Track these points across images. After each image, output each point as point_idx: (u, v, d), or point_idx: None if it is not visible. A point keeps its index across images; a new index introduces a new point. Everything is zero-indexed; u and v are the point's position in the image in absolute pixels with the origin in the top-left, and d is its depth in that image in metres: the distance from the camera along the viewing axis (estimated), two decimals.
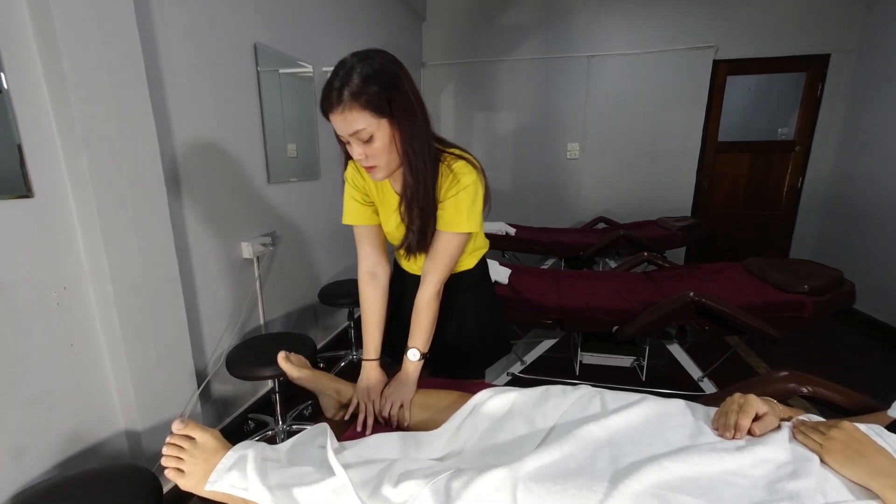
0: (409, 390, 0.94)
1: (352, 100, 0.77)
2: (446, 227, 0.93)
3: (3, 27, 1.00)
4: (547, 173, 3.99)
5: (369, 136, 0.81)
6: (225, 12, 1.66)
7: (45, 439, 1.14)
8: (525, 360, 2.13)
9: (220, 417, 1.80)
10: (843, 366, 2.42)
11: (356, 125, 0.79)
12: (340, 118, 0.79)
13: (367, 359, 1.02)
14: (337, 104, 0.78)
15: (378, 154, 0.83)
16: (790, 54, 3.36)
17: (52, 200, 1.12)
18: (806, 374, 0.99)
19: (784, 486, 0.58)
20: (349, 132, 0.81)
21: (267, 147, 1.93)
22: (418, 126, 0.84)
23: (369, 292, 1.05)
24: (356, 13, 2.72)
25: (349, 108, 0.78)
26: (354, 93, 0.77)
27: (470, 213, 0.92)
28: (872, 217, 2.95)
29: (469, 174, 0.90)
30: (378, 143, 0.82)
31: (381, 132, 0.81)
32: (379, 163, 0.85)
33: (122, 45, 1.19)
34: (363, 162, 0.85)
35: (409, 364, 0.97)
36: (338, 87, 0.78)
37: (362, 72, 0.78)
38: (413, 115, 0.83)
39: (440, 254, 0.95)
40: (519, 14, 3.78)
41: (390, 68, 0.81)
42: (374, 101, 0.78)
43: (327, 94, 0.79)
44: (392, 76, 0.80)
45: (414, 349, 0.97)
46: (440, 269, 0.96)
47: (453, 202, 0.90)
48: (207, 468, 0.70)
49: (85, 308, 1.22)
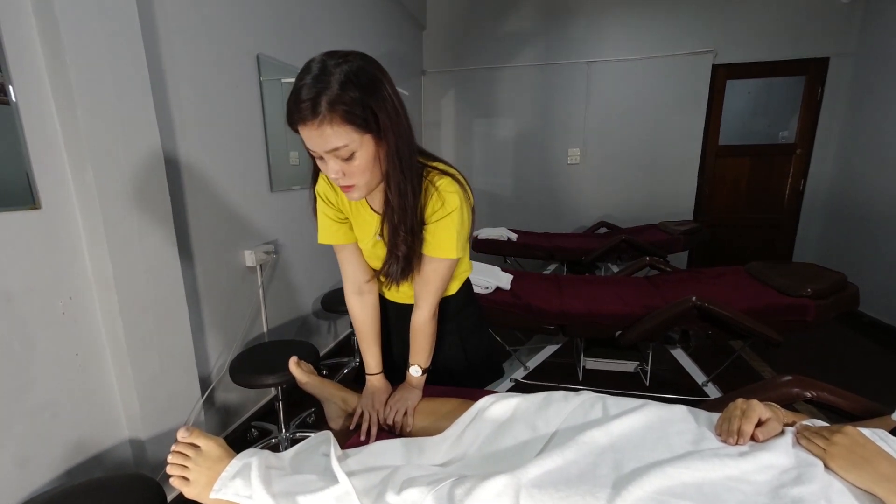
0: (414, 397, 0.94)
1: (330, 111, 0.65)
2: (435, 252, 0.85)
3: (12, 41, 1.02)
4: (548, 178, 4.01)
5: (350, 154, 0.70)
6: (228, 24, 1.69)
7: (50, 448, 1.15)
8: (528, 365, 2.13)
9: (224, 426, 1.80)
10: (849, 369, 2.40)
11: (335, 141, 0.68)
12: (316, 133, 0.67)
13: (370, 373, 1.02)
14: (311, 116, 0.66)
15: (358, 172, 0.72)
16: (789, 58, 3.38)
17: (58, 212, 1.14)
18: (810, 379, 0.99)
19: (788, 491, 0.58)
20: (326, 148, 0.69)
21: (269, 155, 1.95)
22: (403, 140, 0.74)
23: (360, 311, 1.00)
24: (357, 23, 2.76)
25: (327, 121, 0.66)
26: (332, 101, 0.65)
27: (459, 238, 0.84)
28: (876, 219, 2.94)
29: (455, 193, 0.80)
30: (359, 161, 0.71)
31: (363, 149, 0.70)
32: (358, 182, 0.74)
33: (128, 58, 1.21)
34: (339, 181, 0.74)
35: (412, 379, 0.97)
36: (311, 96, 0.65)
37: (340, 76, 0.65)
38: (398, 127, 0.72)
39: (431, 280, 0.88)
40: (518, 21, 3.81)
41: (370, 71, 0.69)
42: (356, 111, 0.67)
43: (296, 103, 0.66)
44: (373, 80, 0.69)
45: (416, 366, 0.96)
46: (433, 294, 0.90)
47: (442, 227, 0.82)
48: (212, 476, 0.70)
49: (90, 318, 1.23)
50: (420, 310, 0.92)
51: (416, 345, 0.95)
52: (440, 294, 0.92)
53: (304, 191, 2.27)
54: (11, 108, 1.03)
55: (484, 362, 1.13)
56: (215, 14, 1.62)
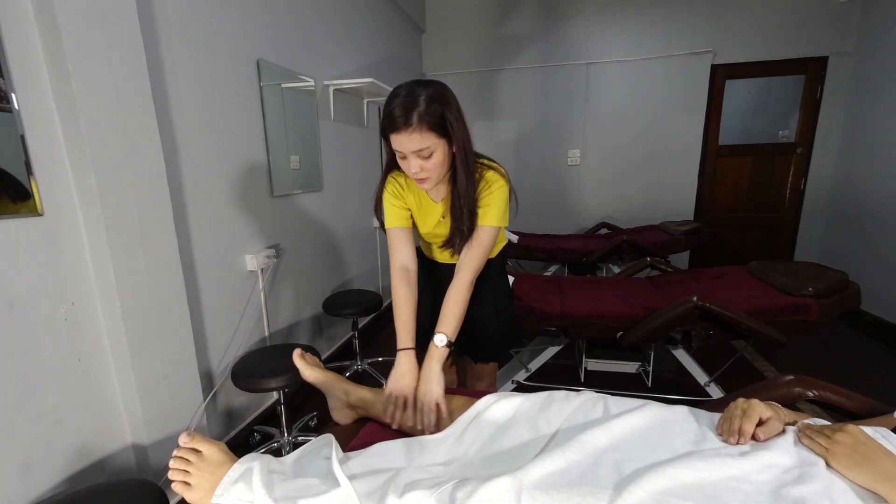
0: (439, 387, 0.97)
1: (419, 122, 0.89)
2: (483, 221, 1.05)
3: (15, 48, 1.03)
4: (548, 180, 4.01)
5: (430, 154, 0.93)
6: (228, 31, 1.70)
7: (52, 454, 1.15)
8: (530, 367, 2.13)
9: (227, 430, 1.80)
10: (853, 368, 2.39)
11: (422, 144, 0.91)
12: (407, 138, 0.90)
13: (402, 347, 1.07)
14: (404, 125, 0.89)
15: (434, 168, 0.96)
16: (788, 57, 3.38)
17: (60, 218, 1.14)
18: (812, 378, 0.98)
19: (790, 491, 0.58)
20: (413, 150, 0.92)
21: (270, 160, 1.96)
22: (467, 143, 0.97)
23: (403, 285, 1.12)
24: (356, 27, 2.77)
25: (417, 129, 0.89)
26: (421, 115, 0.89)
27: (502, 210, 1.06)
28: (878, 218, 2.93)
29: (499, 180, 1.04)
30: (435, 160, 0.94)
31: (439, 150, 0.94)
32: (432, 175, 0.97)
33: (129, 64, 1.22)
34: (417, 174, 0.97)
35: (435, 351, 1.02)
36: (404, 111, 0.88)
37: (426, 97, 0.89)
38: (464, 133, 0.96)
39: (477, 246, 1.06)
40: (517, 24, 3.83)
41: (444, 93, 0.94)
42: (438, 122, 0.90)
43: (392, 116, 0.90)
44: (447, 99, 0.93)
45: (442, 334, 1.03)
46: (476, 259, 1.07)
47: (488, 201, 1.04)
48: (214, 481, 0.70)
49: (93, 323, 1.24)
50: (462, 273, 1.07)
51: (448, 311, 1.05)
52: (482, 262, 1.08)
53: (306, 195, 2.29)
54: (14, 116, 1.04)
55: (509, 325, 1.32)
56: (216, 20, 1.63)
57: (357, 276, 2.85)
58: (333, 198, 2.56)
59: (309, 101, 2.28)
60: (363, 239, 2.96)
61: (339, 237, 2.64)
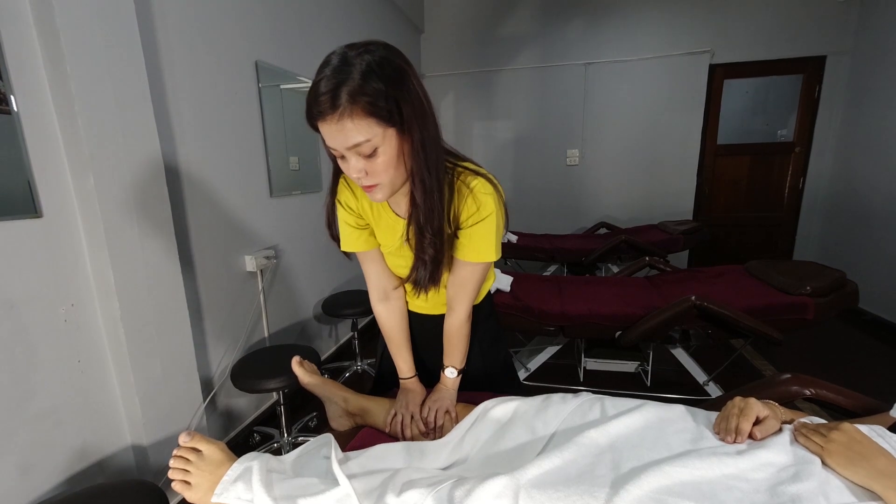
0: (452, 398, 0.94)
1: (351, 103, 0.61)
2: (471, 257, 0.82)
3: (14, 51, 1.03)
4: (547, 180, 4.02)
5: (372, 150, 0.65)
6: (227, 32, 1.70)
7: (52, 455, 1.15)
8: (529, 367, 2.13)
9: (226, 431, 1.80)
10: (851, 366, 2.40)
11: (356, 136, 0.63)
12: (336, 127, 0.63)
13: (404, 377, 1.00)
14: (330, 110, 0.62)
15: (381, 171, 0.68)
16: (786, 57, 3.39)
17: (59, 219, 1.15)
18: (809, 377, 0.99)
19: (786, 489, 0.58)
20: (347, 145, 0.65)
21: (269, 161, 1.96)
22: (429, 135, 0.69)
23: (387, 316, 0.98)
24: (355, 27, 2.77)
25: (348, 114, 0.61)
26: (353, 92, 0.61)
27: (496, 241, 0.81)
28: (876, 217, 2.94)
29: (490, 195, 0.77)
30: (382, 158, 0.67)
31: (386, 144, 0.66)
32: (381, 180, 0.70)
33: (128, 67, 1.22)
34: (361, 180, 0.70)
35: (448, 380, 0.96)
36: (330, 88, 0.61)
37: (361, 66, 0.62)
38: (425, 121, 0.68)
39: (467, 283, 0.86)
40: (516, 24, 3.83)
41: (395, 62, 0.65)
42: (380, 103, 0.62)
43: (315, 97, 0.63)
44: (398, 71, 0.64)
45: (451, 367, 0.95)
46: (468, 296, 0.88)
47: (479, 230, 0.78)
48: (213, 480, 0.71)
49: (92, 324, 1.24)
50: (455, 312, 0.90)
51: (451, 347, 0.94)
52: (475, 296, 0.90)
53: (305, 196, 2.29)
54: (13, 118, 1.04)
55: (501, 372, 1.13)
56: (214, 22, 1.64)
57: (356, 276, 2.85)
58: None
59: None
60: None
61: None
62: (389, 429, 0.93)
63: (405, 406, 0.94)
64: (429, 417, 0.91)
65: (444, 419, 0.91)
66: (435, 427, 0.91)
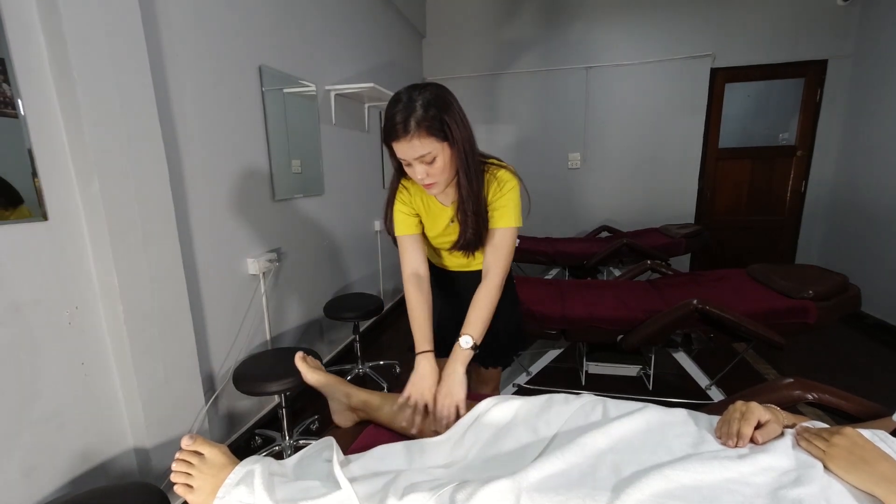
0: (461, 390, 0.98)
1: (417, 128, 0.89)
2: (501, 223, 1.06)
3: (21, 56, 1.05)
4: (549, 183, 4.02)
5: (433, 159, 0.93)
6: (231, 37, 1.72)
7: (55, 457, 1.15)
8: (530, 371, 2.13)
9: (228, 433, 1.80)
10: (854, 371, 2.39)
11: (422, 150, 0.91)
12: (407, 145, 0.91)
13: (420, 351, 1.06)
14: (403, 133, 0.90)
15: (438, 173, 0.96)
16: (787, 61, 3.39)
17: (65, 223, 1.16)
18: (811, 381, 0.99)
19: (787, 493, 0.58)
20: (415, 156, 0.92)
21: (272, 164, 1.98)
22: (469, 145, 0.97)
23: (416, 291, 1.12)
24: (357, 32, 2.79)
25: (416, 135, 0.89)
26: (419, 121, 0.89)
27: (518, 210, 1.07)
28: (879, 220, 2.93)
29: (511, 180, 1.06)
30: (439, 164, 0.94)
31: (442, 154, 0.94)
32: (438, 180, 0.98)
33: (133, 71, 1.23)
34: (424, 180, 0.97)
35: (460, 353, 1.02)
36: (403, 119, 0.89)
37: (424, 102, 0.89)
38: (465, 135, 0.95)
39: (500, 248, 1.07)
40: (517, 28, 3.85)
41: (443, 96, 0.93)
42: (436, 126, 0.90)
43: (392, 124, 0.91)
44: (446, 103, 0.92)
45: (468, 336, 1.03)
46: (502, 261, 1.07)
47: (504, 202, 1.05)
48: (216, 483, 0.71)
49: (96, 327, 1.25)
50: (490, 277, 1.07)
51: (476, 314, 1.05)
52: (508, 263, 1.09)
53: (307, 199, 2.31)
54: (20, 122, 1.05)
55: (516, 330, 1.33)
56: (218, 27, 1.65)
57: (358, 279, 2.86)
58: (335, 202, 2.57)
59: (310, 106, 2.30)
60: (364, 242, 2.97)
61: (341, 241, 2.65)
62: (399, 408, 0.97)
63: (420, 392, 0.99)
64: (441, 413, 0.95)
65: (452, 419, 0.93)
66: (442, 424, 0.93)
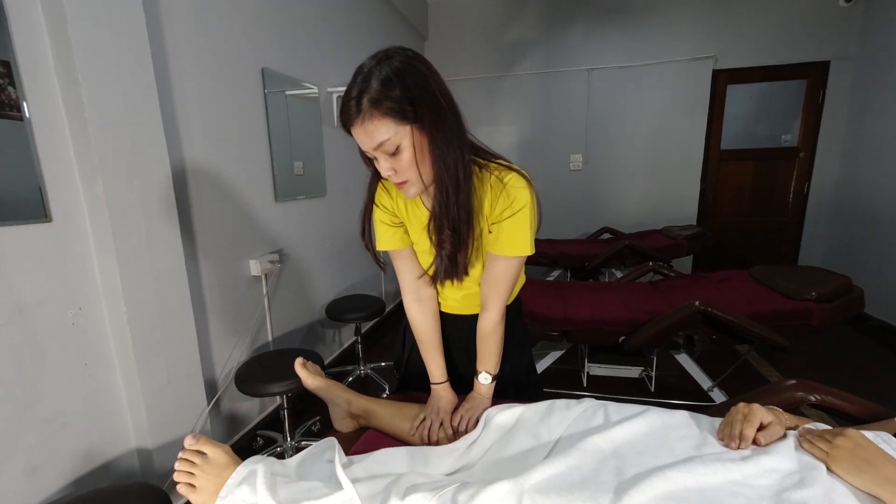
0: (486, 406, 0.92)
1: (371, 107, 0.68)
2: (505, 251, 0.84)
3: (27, 59, 1.06)
4: (551, 185, 4.02)
5: (395, 148, 0.71)
6: (234, 39, 1.73)
7: (59, 457, 1.16)
8: None
9: (230, 435, 1.81)
10: (858, 372, 2.38)
11: (378, 136, 0.70)
12: (361, 130, 0.70)
13: (435, 382, 0.97)
14: (356, 115, 0.69)
15: (407, 167, 0.73)
16: (790, 62, 3.39)
17: (69, 224, 1.16)
18: (814, 383, 0.98)
19: (790, 495, 0.58)
20: (372, 145, 0.71)
21: (274, 166, 1.98)
22: (449, 130, 0.73)
23: (420, 318, 0.97)
24: (359, 35, 2.80)
25: (369, 117, 0.68)
26: (374, 99, 0.68)
27: (530, 234, 0.84)
28: (882, 222, 2.92)
29: (524, 189, 0.80)
30: (405, 154, 0.72)
31: (406, 141, 0.71)
32: (410, 177, 0.75)
33: (137, 74, 1.24)
34: (392, 178, 0.75)
35: (482, 387, 0.94)
36: (356, 96, 0.68)
37: (381, 74, 0.68)
38: (442, 117, 0.72)
39: (500, 280, 0.86)
40: (519, 30, 3.86)
41: (414, 66, 0.71)
42: (395, 105, 0.68)
43: (345, 106, 0.70)
44: (416, 75, 0.70)
45: (485, 373, 0.93)
46: (502, 295, 0.87)
47: (513, 223, 0.81)
48: (218, 483, 0.71)
49: (99, 328, 1.25)
50: (488, 312, 0.89)
51: (484, 349, 0.92)
52: (508, 295, 0.89)
53: (310, 200, 2.31)
54: (25, 124, 1.06)
55: (526, 378, 1.11)
56: (222, 30, 1.66)
57: (360, 281, 2.86)
58: (336, 203, 2.58)
59: (313, 108, 2.31)
60: None
61: (342, 242, 2.66)
62: (415, 432, 0.90)
63: (436, 412, 0.91)
64: (460, 426, 0.89)
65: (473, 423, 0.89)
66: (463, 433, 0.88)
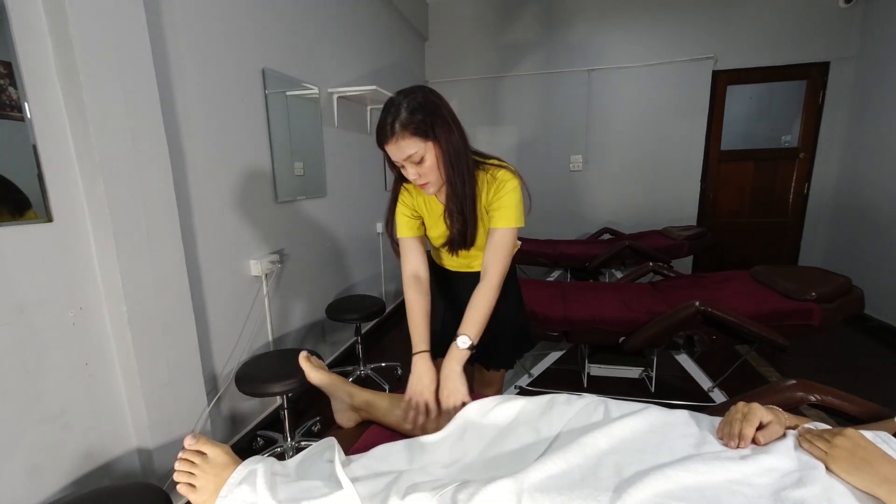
0: (463, 387, 0.99)
1: (402, 129, 0.94)
2: (500, 223, 1.07)
3: (29, 60, 1.06)
4: (551, 185, 4.03)
5: (420, 158, 0.97)
6: (235, 42, 1.73)
7: (59, 458, 1.16)
8: (532, 372, 2.13)
9: (230, 435, 1.81)
10: (857, 373, 2.38)
11: (408, 150, 0.96)
12: (394, 146, 0.96)
13: (417, 351, 1.08)
14: (391, 135, 0.95)
15: (429, 172, 1.00)
16: (789, 63, 3.39)
17: (70, 224, 1.17)
18: (814, 383, 0.98)
19: (789, 494, 0.58)
20: (403, 157, 0.97)
21: (274, 167, 1.99)
22: (455, 143, 1.00)
23: (415, 292, 1.14)
24: (360, 35, 2.81)
25: (401, 136, 0.95)
26: (404, 124, 0.94)
27: (517, 210, 1.07)
28: (883, 222, 2.92)
29: (511, 179, 1.07)
30: (428, 163, 0.98)
31: (428, 153, 0.98)
32: (430, 179, 1.01)
33: (138, 74, 1.25)
34: (417, 180, 1.02)
35: (456, 352, 1.03)
36: (390, 122, 0.95)
37: (408, 106, 0.95)
38: (451, 135, 0.99)
39: (498, 248, 1.07)
40: (519, 31, 3.86)
41: (430, 99, 0.98)
42: (420, 127, 0.94)
43: (382, 129, 0.97)
44: (432, 106, 0.97)
45: (465, 336, 1.04)
46: (500, 261, 1.07)
47: (503, 202, 1.05)
48: (218, 483, 0.71)
49: (100, 328, 1.25)
50: (488, 277, 1.07)
51: (474, 313, 1.06)
52: (506, 263, 1.09)
53: (310, 201, 2.32)
54: (26, 125, 1.06)
55: (520, 332, 1.32)
56: (223, 30, 1.66)
57: (360, 281, 2.87)
58: (337, 204, 2.58)
59: (313, 109, 2.31)
60: (366, 244, 2.98)
61: (343, 243, 2.66)
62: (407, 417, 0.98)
63: (419, 392, 1.01)
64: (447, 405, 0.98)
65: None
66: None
